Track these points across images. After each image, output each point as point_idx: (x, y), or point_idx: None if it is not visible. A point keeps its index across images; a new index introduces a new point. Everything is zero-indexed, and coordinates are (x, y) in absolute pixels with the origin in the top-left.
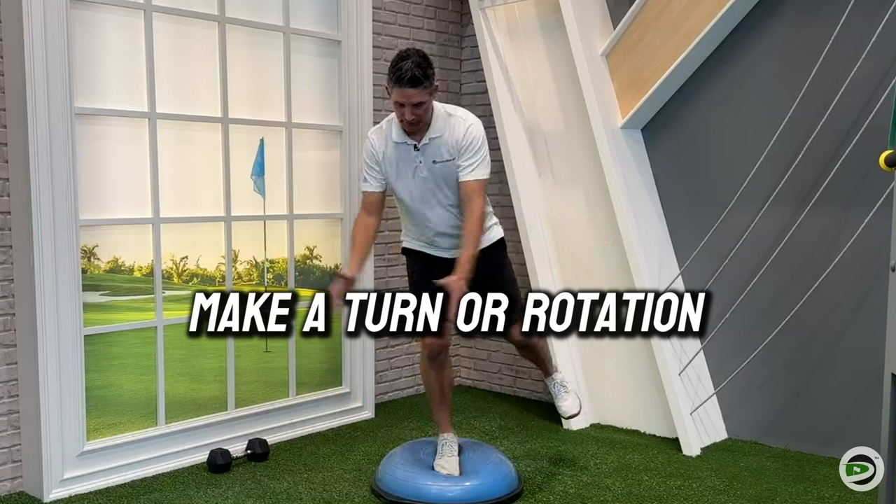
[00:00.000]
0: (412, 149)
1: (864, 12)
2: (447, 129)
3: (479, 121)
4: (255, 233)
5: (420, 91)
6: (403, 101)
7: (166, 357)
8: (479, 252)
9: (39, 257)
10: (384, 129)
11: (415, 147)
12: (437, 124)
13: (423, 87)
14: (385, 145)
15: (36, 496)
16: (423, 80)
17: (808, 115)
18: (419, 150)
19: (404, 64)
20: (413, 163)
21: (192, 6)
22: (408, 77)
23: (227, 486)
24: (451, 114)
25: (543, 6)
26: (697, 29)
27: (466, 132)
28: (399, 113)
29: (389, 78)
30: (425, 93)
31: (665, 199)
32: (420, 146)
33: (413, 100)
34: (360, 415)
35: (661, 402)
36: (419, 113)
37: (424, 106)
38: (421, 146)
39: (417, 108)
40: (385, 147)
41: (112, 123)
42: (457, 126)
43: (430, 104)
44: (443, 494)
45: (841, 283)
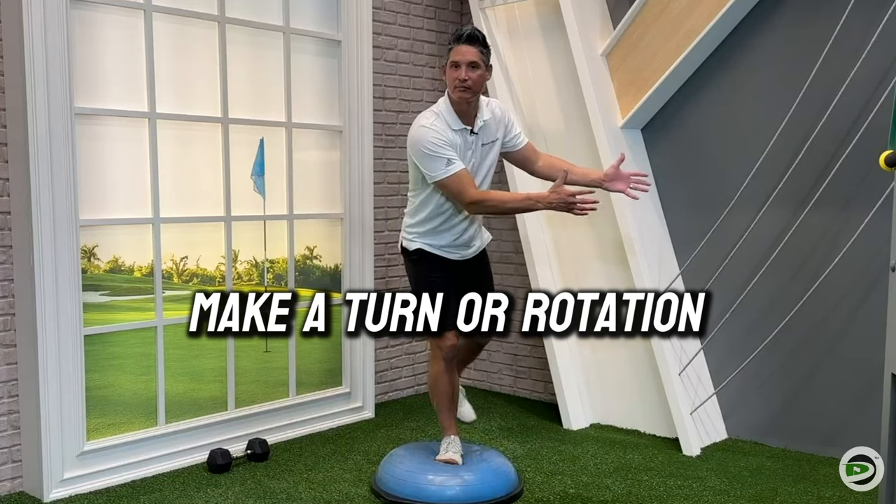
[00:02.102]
0: (468, 133)
1: (864, 12)
2: (489, 113)
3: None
4: (255, 233)
5: (477, 50)
6: (459, 59)
7: (166, 357)
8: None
9: (39, 257)
10: (440, 118)
11: (471, 132)
12: (483, 109)
13: (480, 49)
14: (448, 130)
15: (36, 496)
16: (481, 41)
17: (808, 115)
18: (476, 133)
19: (464, 27)
20: (469, 149)
21: (192, 6)
22: (467, 34)
23: (227, 486)
24: (482, 98)
25: (543, 6)
26: (697, 29)
27: (502, 109)
28: (454, 76)
29: (449, 43)
30: (480, 56)
31: (665, 199)
32: (477, 130)
33: (468, 57)
34: (360, 415)
35: (661, 402)
36: (473, 76)
37: (479, 71)
38: (478, 130)
39: (472, 71)
40: (448, 131)
41: (112, 123)
42: (493, 107)
43: (482, 78)
44: (442, 494)
45: (841, 283)
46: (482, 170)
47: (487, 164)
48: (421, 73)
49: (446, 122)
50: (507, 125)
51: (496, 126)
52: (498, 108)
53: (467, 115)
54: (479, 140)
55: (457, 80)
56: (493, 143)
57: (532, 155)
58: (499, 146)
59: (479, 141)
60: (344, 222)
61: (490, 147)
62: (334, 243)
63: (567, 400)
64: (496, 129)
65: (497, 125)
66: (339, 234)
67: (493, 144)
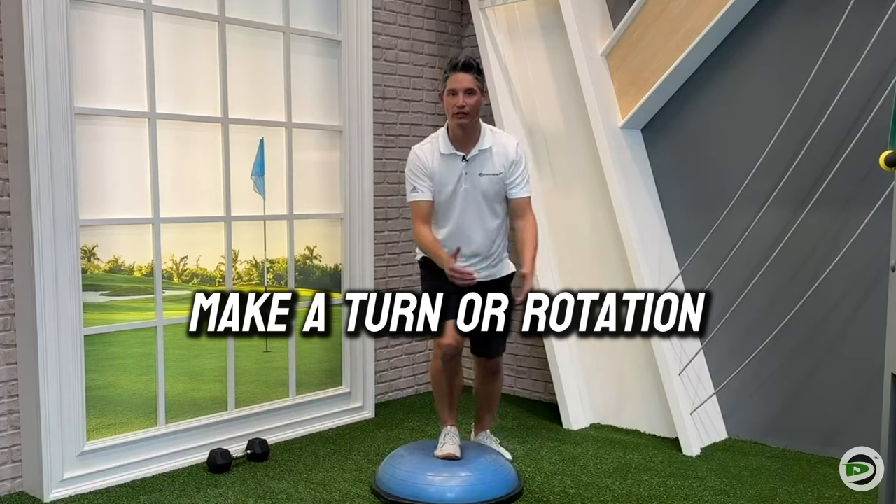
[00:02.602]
0: (460, 160)
1: (864, 12)
2: (495, 143)
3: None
4: (255, 233)
5: (472, 77)
6: (456, 86)
7: (166, 357)
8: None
9: (39, 257)
10: (432, 143)
11: (463, 158)
12: (486, 138)
13: (475, 75)
14: (432, 157)
15: (36, 496)
16: (475, 68)
17: (808, 115)
18: (467, 160)
19: (458, 53)
20: (458, 174)
21: (192, 6)
22: (462, 62)
23: (227, 486)
24: (495, 131)
25: (543, 6)
26: (697, 29)
27: (517, 148)
28: (451, 104)
29: (444, 71)
30: (476, 82)
31: (665, 199)
32: (469, 157)
33: (465, 84)
34: (360, 415)
35: (661, 402)
36: (470, 102)
37: (475, 98)
38: (469, 157)
39: (469, 97)
40: (433, 160)
41: (112, 123)
42: (506, 141)
43: (478, 103)
44: (442, 494)
45: (841, 283)
46: (476, 198)
47: (481, 194)
48: (421, 73)
49: (437, 147)
50: (513, 164)
51: (500, 161)
52: (511, 147)
53: (463, 142)
54: (474, 168)
55: (455, 106)
56: (492, 175)
57: (517, 211)
58: (501, 183)
59: (475, 169)
60: (344, 222)
61: (489, 179)
62: (334, 243)
63: (567, 400)
64: (499, 164)
65: (503, 161)
66: (339, 234)
67: (492, 177)
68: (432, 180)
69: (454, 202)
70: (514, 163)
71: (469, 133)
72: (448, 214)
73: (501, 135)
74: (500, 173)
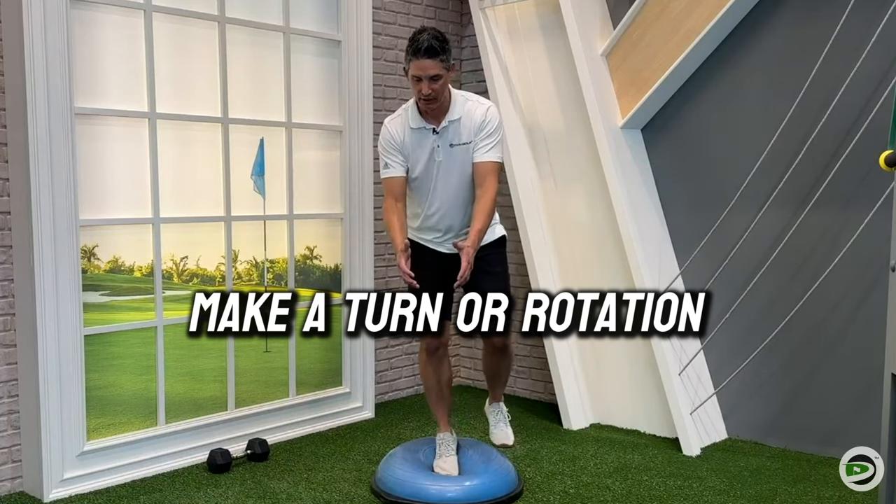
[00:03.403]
0: (430, 133)
1: (864, 12)
2: (465, 112)
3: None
4: (255, 233)
5: (436, 62)
6: (420, 73)
7: (166, 357)
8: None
9: (39, 257)
10: (402, 117)
11: (433, 131)
12: (456, 108)
13: (440, 59)
14: (403, 131)
15: (36, 496)
16: (440, 51)
17: (808, 115)
18: (438, 133)
19: (421, 36)
20: (430, 147)
21: (192, 6)
22: (425, 47)
23: (227, 486)
24: (468, 98)
25: (543, 6)
26: (697, 29)
27: (485, 113)
28: (416, 89)
29: (407, 53)
30: (442, 66)
31: (665, 199)
32: (439, 129)
33: (430, 72)
34: (360, 415)
35: (661, 402)
36: (436, 88)
37: (441, 81)
38: (440, 129)
39: (434, 83)
40: (403, 134)
41: (112, 123)
42: (475, 109)
43: (446, 81)
44: (442, 494)
45: (841, 283)
46: (453, 171)
47: (462, 166)
48: None
49: (406, 120)
50: (479, 129)
51: (469, 129)
52: (479, 113)
53: (433, 114)
54: (445, 139)
55: (420, 92)
56: (464, 145)
57: (477, 178)
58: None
59: (446, 140)
60: (344, 222)
61: (461, 149)
62: (334, 243)
63: (567, 400)
64: (467, 133)
65: (470, 129)
66: (339, 234)
67: (464, 147)
68: (404, 155)
69: (430, 176)
70: (480, 126)
71: (441, 106)
72: (426, 189)
73: (474, 102)
74: (471, 142)
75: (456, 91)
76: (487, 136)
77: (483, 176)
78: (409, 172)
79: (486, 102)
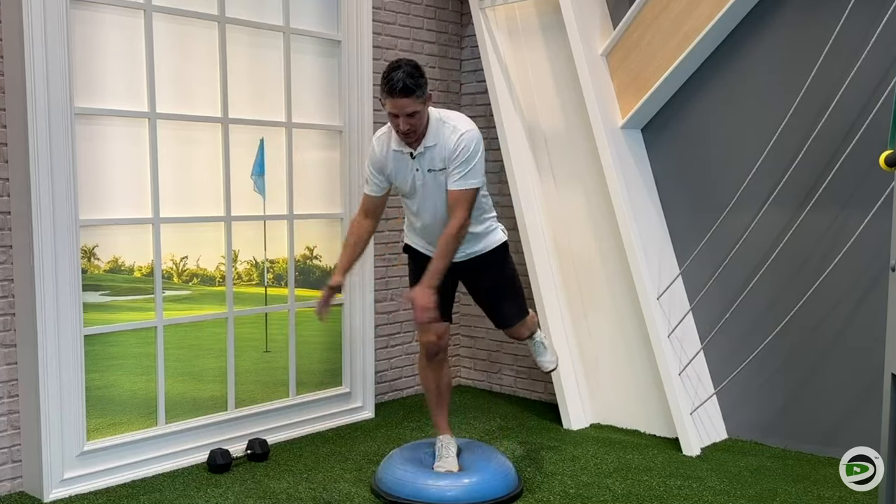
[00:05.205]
0: (409, 157)
1: (864, 12)
2: (441, 138)
3: (474, 127)
4: (255, 233)
5: (413, 100)
6: (397, 111)
7: (166, 357)
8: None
9: (39, 257)
10: (386, 135)
11: (411, 155)
12: (431, 132)
13: (416, 95)
14: (386, 153)
15: (36, 496)
16: (415, 89)
17: (808, 115)
18: (415, 158)
19: (395, 74)
20: (411, 171)
21: (192, 6)
22: (399, 87)
23: (227, 486)
24: (445, 121)
25: (543, 6)
26: (697, 29)
27: (458, 141)
28: (394, 124)
29: (382, 89)
30: (418, 102)
31: (665, 199)
32: (416, 154)
33: (406, 110)
34: (360, 415)
35: (661, 402)
36: (413, 122)
37: (419, 115)
38: (416, 155)
39: (411, 118)
40: (386, 154)
41: (112, 123)
42: (449, 135)
43: (424, 113)
44: (442, 494)
45: (841, 283)
46: (434, 194)
47: (437, 190)
48: None
49: (386, 144)
50: (451, 159)
51: (441, 156)
52: (453, 141)
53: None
54: (423, 165)
55: (398, 128)
56: (438, 171)
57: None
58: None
59: (424, 166)
60: (344, 222)
61: (442, 174)
62: (334, 243)
63: (567, 400)
64: (440, 160)
65: (443, 156)
66: (340, 234)
67: (438, 173)
68: (384, 174)
69: (416, 195)
70: (454, 156)
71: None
72: (415, 207)
73: (450, 128)
74: (444, 168)
75: (434, 111)
76: (460, 164)
77: (453, 206)
78: (398, 188)
79: (463, 127)
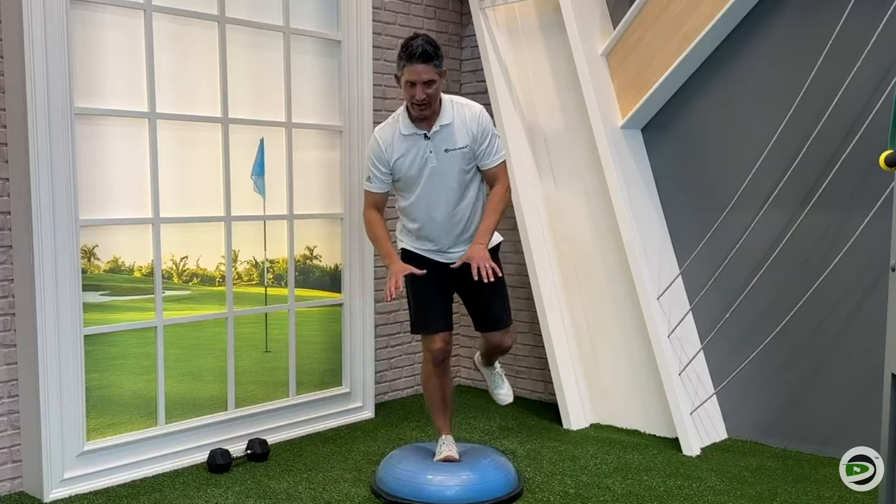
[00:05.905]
0: (422, 138)
1: (864, 13)
2: (456, 116)
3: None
4: (255, 233)
5: (431, 67)
6: (415, 78)
7: (166, 357)
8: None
9: (39, 257)
10: (392, 125)
11: (425, 136)
12: (446, 112)
13: (434, 63)
14: (393, 140)
15: (36, 496)
16: (433, 56)
17: (808, 115)
18: (429, 138)
19: (415, 42)
20: (423, 154)
21: (192, 6)
22: (419, 52)
23: (227, 486)
24: (455, 101)
25: (543, 6)
26: (697, 29)
27: (479, 117)
28: (410, 94)
29: (400, 58)
30: (436, 71)
31: (665, 199)
32: (430, 134)
33: (424, 77)
34: (360, 415)
35: (661, 402)
36: (430, 93)
37: (435, 85)
38: (431, 134)
39: (428, 87)
40: (393, 142)
41: (112, 123)
42: (466, 112)
43: (440, 87)
44: (442, 494)
45: (841, 283)
46: (446, 176)
47: (456, 171)
48: None
49: (398, 128)
50: (479, 135)
51: (464, 134)
52: (472, 119)
53: (424, 120)
54: (438, 145)
55: (414, 98)
56: (459, 150)
57: (490, 179)
58: (468, 156)
59: (439, 146)
60: (344, 222)
61: (457, 154)
62: (334, 243)
63: (567, 400)
64: (462, 138)
65: (467, 134)
66: (339, 234)
67: (459, 152)
68: (390, 168)
69: (420, 183)
70: (480, 133)
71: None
72: (417, 197)
73: (462, 106)
74: (467, 146)
75: (443, 95)
76: (490, 140)
77: (495, 176)
78: (398, 182)
79: (475, 105)
